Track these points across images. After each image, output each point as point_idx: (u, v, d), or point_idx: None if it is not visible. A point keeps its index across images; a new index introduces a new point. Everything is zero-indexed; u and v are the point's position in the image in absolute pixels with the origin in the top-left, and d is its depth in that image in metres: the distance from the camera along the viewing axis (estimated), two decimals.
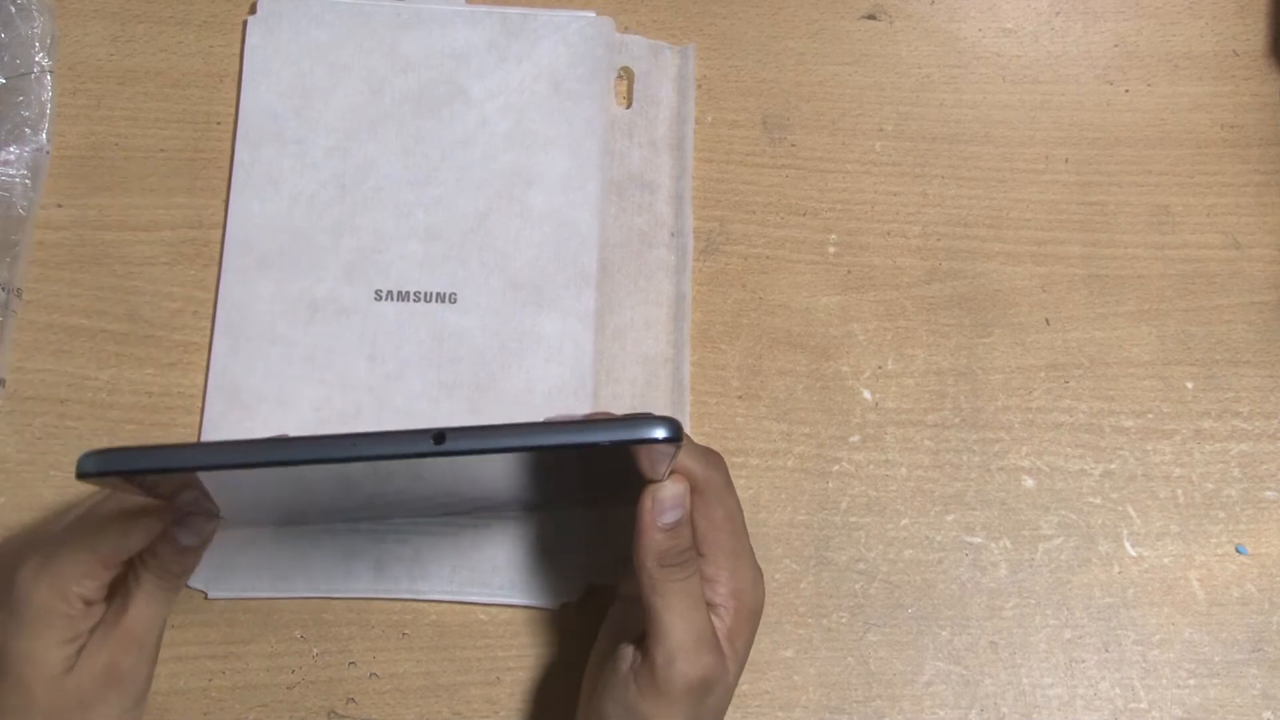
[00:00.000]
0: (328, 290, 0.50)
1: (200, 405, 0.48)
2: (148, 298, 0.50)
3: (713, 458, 0.41)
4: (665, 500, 0.39)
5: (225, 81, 0.53)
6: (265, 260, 0.50)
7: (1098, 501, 0.50)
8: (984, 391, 0.51)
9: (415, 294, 0.50)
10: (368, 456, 0.31)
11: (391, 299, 0.50)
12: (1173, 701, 0.47)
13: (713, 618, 0.40)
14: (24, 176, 0.50)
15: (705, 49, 0.55)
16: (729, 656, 0.40)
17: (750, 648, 0.41)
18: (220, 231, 0.51)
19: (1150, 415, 0.51)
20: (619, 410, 0.49)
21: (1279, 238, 0.54)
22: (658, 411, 0.49)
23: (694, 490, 0.40)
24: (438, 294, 0.50)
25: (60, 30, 0.53)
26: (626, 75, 0.54)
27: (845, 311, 0.52)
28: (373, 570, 0.47)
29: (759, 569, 0.42)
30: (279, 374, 0.49)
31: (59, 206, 0.51)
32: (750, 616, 0.41)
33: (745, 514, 0.40)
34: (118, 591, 0.40)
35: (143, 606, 0.39)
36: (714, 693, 0.39)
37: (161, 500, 0.38)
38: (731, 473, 0.41)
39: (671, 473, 0.39)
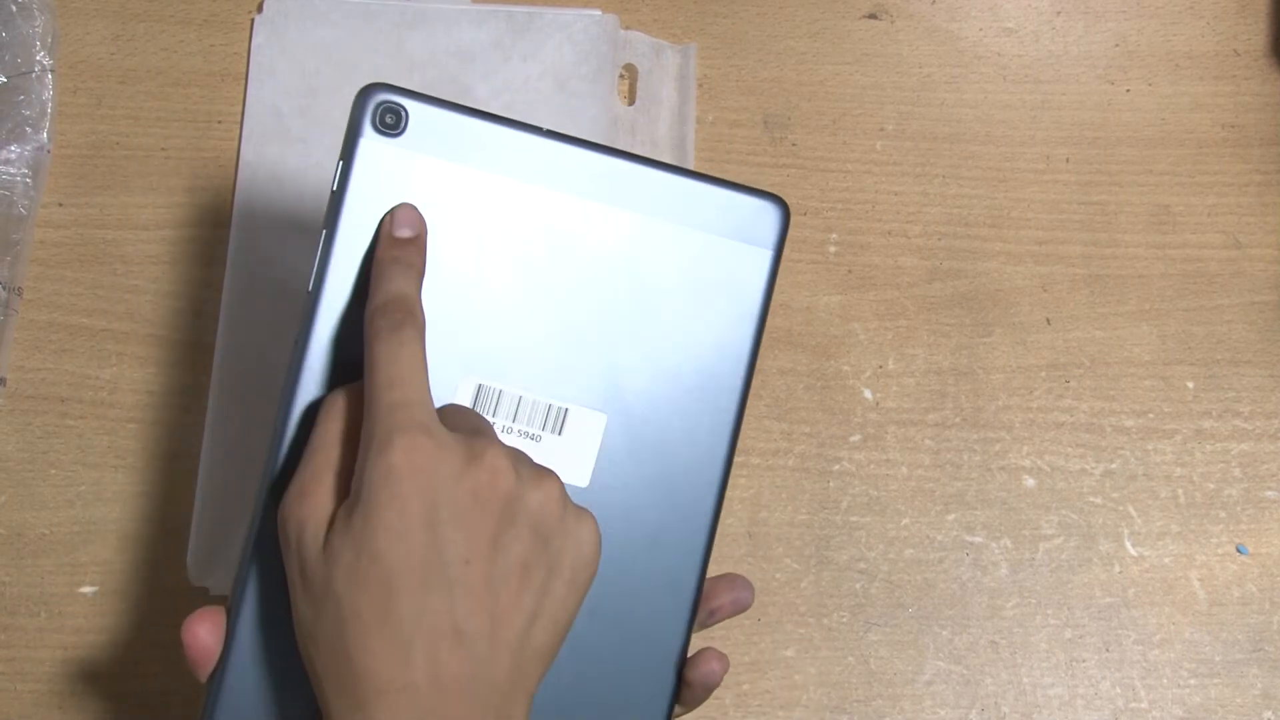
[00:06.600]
0: None
1: (203, 404, 0.48)
2: (149, 297, 0.50)
3: None
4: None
5: (226, 80, 0.53)
6: (270, 259, 0.50)
7: (1098, 501, 0.50)
8: (985, 391, 0.51)
9: None
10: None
11: None
12: (1173, 701, 0.47)
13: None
14: (25, 175, 0.50)
15: (706, 48, 0.55)
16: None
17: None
18: (221, 230, 0.51)
19: (1151, 415, 0.51)
20: None
21: (1279, 237, 0.54)
22: None
23: None
24: None
25: (61, 29, 0.53)
26: (629, 73, 0.54)
27: (846, 311, 0.52)
28: None
29: None
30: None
31: (60, 205, 0.51)
32: None
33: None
34: None
35: None
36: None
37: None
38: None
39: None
